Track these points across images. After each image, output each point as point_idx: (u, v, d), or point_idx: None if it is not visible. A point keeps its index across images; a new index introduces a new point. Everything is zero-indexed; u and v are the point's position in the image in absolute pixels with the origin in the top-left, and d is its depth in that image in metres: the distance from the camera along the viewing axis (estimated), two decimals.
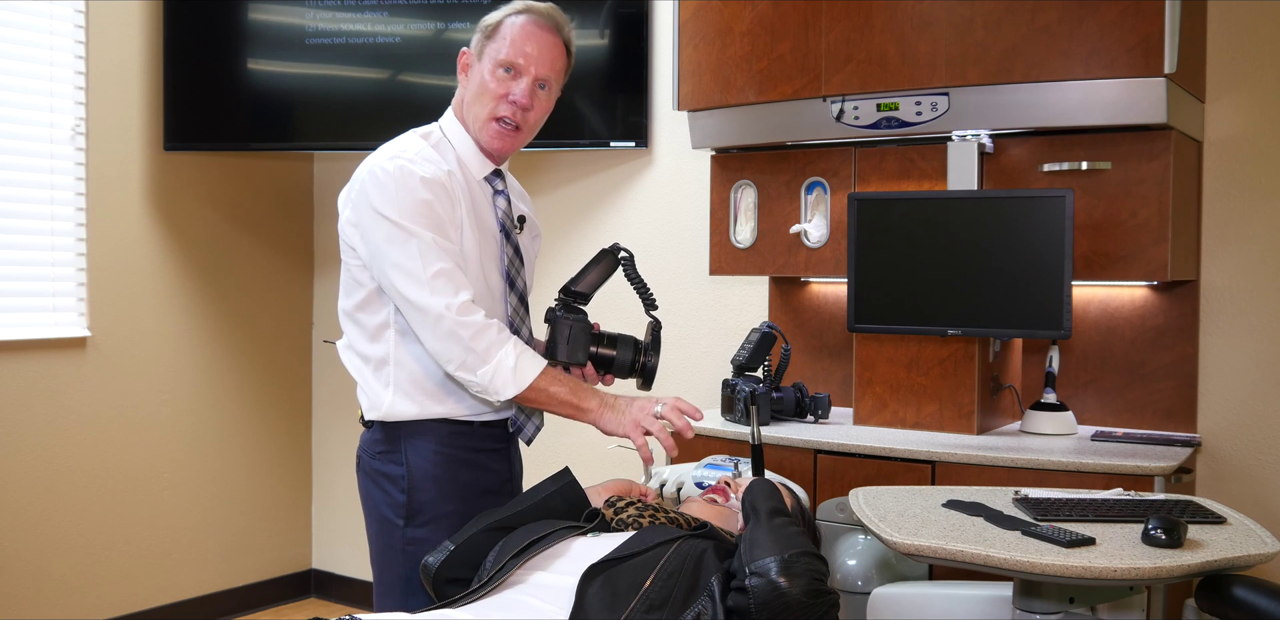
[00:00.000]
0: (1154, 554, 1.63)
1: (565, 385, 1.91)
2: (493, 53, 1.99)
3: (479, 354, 1.85)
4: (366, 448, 2.03)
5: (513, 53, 1.97)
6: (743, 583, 1.54)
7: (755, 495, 1.79)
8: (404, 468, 1.96)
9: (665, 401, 1.94)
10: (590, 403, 1.93)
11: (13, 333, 3.28)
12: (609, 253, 2.07)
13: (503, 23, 2.00)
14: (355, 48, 3.46)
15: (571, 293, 2.04)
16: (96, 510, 3.49)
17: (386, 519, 1.97)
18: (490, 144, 2.01)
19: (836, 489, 2.47)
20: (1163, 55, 2.27)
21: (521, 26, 1.99)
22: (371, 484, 2.01)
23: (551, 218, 3.55)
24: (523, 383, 1.87)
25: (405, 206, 1.88)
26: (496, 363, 1.85)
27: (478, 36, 2.03)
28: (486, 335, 1.85)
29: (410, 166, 1.90)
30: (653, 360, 2.07)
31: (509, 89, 1.98)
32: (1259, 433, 2.57)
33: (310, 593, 4.18)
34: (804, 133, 2.73)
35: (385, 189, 1.89)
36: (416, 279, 1.86)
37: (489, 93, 1.99)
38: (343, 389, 4.05)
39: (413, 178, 1.89)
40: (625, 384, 2.18)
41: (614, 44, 3.35)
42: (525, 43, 1.98)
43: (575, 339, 2.01)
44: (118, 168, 3.52)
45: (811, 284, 3.08)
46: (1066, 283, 2.38)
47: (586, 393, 1.93)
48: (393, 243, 1.87)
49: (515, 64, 1.98)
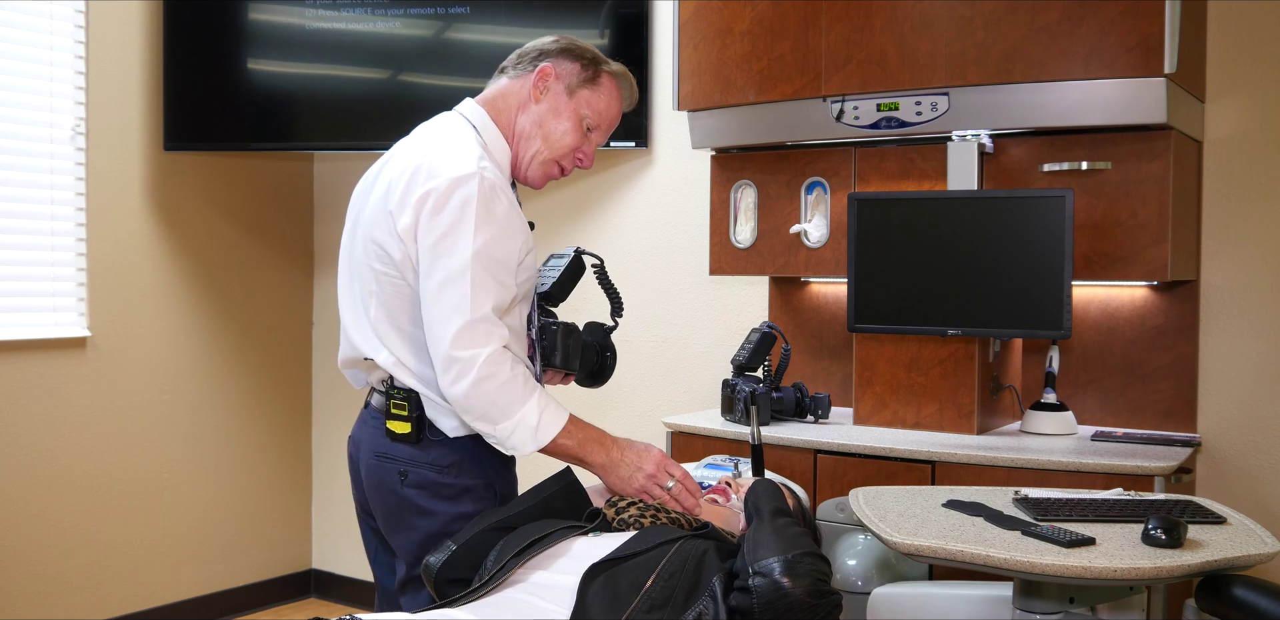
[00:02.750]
0: (1154, 554, 1.63)
1: (574, 438, 1.89)
2: (588, 102, 1.98)
3: (502, 408, 1.81)
4: (424, 461, 1.92)
5: (607, 118, 2.01)
6: (746, 583, 1.54)
7: (758, 496, 1.79)
8: (486, 478, 1.94)
9: (675, 475, 1.92)
10: (596, 458, 1.91)
11: (13, 333, 3.28)
12: (575, 257, 2.07)
13: (605, 76, 2.01)
14: (355, 47, 3.46)
15: (544, 296, 2.04)
16: (96, 510, 3.49)
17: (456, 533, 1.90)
18: (533, 181, 2.01)
19: (836, 489, 2.47)
20: (1163, 55, 2.27)
21: (621, 92, 2.03)
22: (437, 499, 1.91)
23: (551, 217, 3.55)
24: (543, 441, 1.85)
25: (475, 233, 1.80)
26: (519, 419, 1.82)
27: (572, 64, 1.98)
28: (511, 390, 1.81)
29: (488, 189, 1.82)
30: (611, 362, 2.10)
31: (584, 145, 2.00)
32: (1259, 433, 2.57)
33: (310, 593, 4.18)
34: (804, 133, 2.73)
35: (464, 208, 1.80)
36: (456, 317, 1.78)
37: (568, 143, 1.98)
38: (343, 389, 4.05)
39: (493, 202, 1.81)
40: (626, 377, 2.17)
41: (614, 44, 3.34)
42: (616, 109, 2.02)
43: (576, 347, 2.02)
44: (118, 168, 3.52)
45: (811, 284, 3.08)
46: (1066, 283, 2.38)
47: (591, 448, 1.90)
48: (444, 267, 1.80)
49: (602, 127, 2.00)
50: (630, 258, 3.44)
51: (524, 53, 2.03)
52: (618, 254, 3.43)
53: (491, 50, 3.37)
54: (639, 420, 3.39)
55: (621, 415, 3.43)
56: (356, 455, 2.05)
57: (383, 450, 1.96)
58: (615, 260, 3.13)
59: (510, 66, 2.03)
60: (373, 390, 2.03)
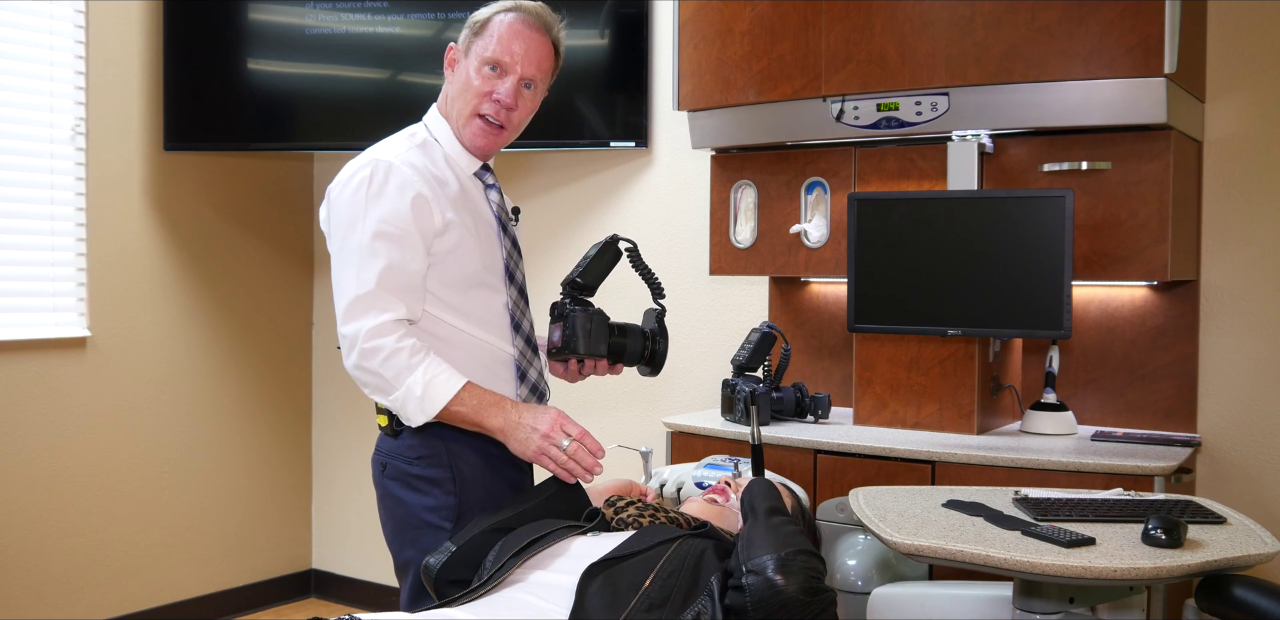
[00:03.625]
0: (1154, 554, 1.63)
1: (467, 405, 1.87)
2: (479, 50, 1.97)
3: (389, 380, 1.84)
4: (398, 453, 1.97)
5: (500, 51, 1.96)
6: (739, 581, 1.54)
7: (753, 495, 1.80)
8: (449, 470, 1.94)
9: (572, 434, 1.88)
10: (493, 422, 1.88)
11: (13, 333, 3.28)
12: (610, 244, 2.07)
13: (491, 20, 1.99)
14: (355, 47, 3.46)
15: (577, 285, 2.03)
16: (97, 510, 3.49)
17: (429, 524, 1.93)
18: (473, 142, 2.00)
19: (836, 489, 2.47)
20: (1163, 55, 2.27)
21: (510, 25, 1.97)
22: (407, 490, 1.96)
23: (551, 217, 3.55)
24: (431, 411, 1.85)
25: (365, 214, 1.87)
26: (406, 389, 1.84)
27: (465, 33, 2.01)
28: (396, 361, 1.83)
29: (383, 171, 1.89)
30: (662, 346, 2.08)
31: (494, 87, 1.97)
32: (1259, 433, 2.57)
33: (310, 593, 4.18)
34: (804, 133, 2.73)
35: (355, 194, 1.88)
36: (343, 295, 1.86)
37: (473, 90, 1.98)
38: (343, 389, 4.05)
39: (385, 184, 1.88)
40: (626, 376, 2.17)
41: (614, 44, 3.34)
42: (513, 41, 1.97)
43: (596, 332, 2.01)
44: (118, 168, 3.52)
45: (811, 284, 3.08)
46: (1066, 283, 2.38)
47: (489, 412, 1.88)
48: (340, 251, 1.89)
49: (501, 62, 1.97)
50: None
51: None
52: None
53: None
54: (639, 420, 3.39)
55: (622, 415, 3.43)
56: None
57: (377, 444, 2.04)
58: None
59: None
60: None
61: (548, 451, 1.86)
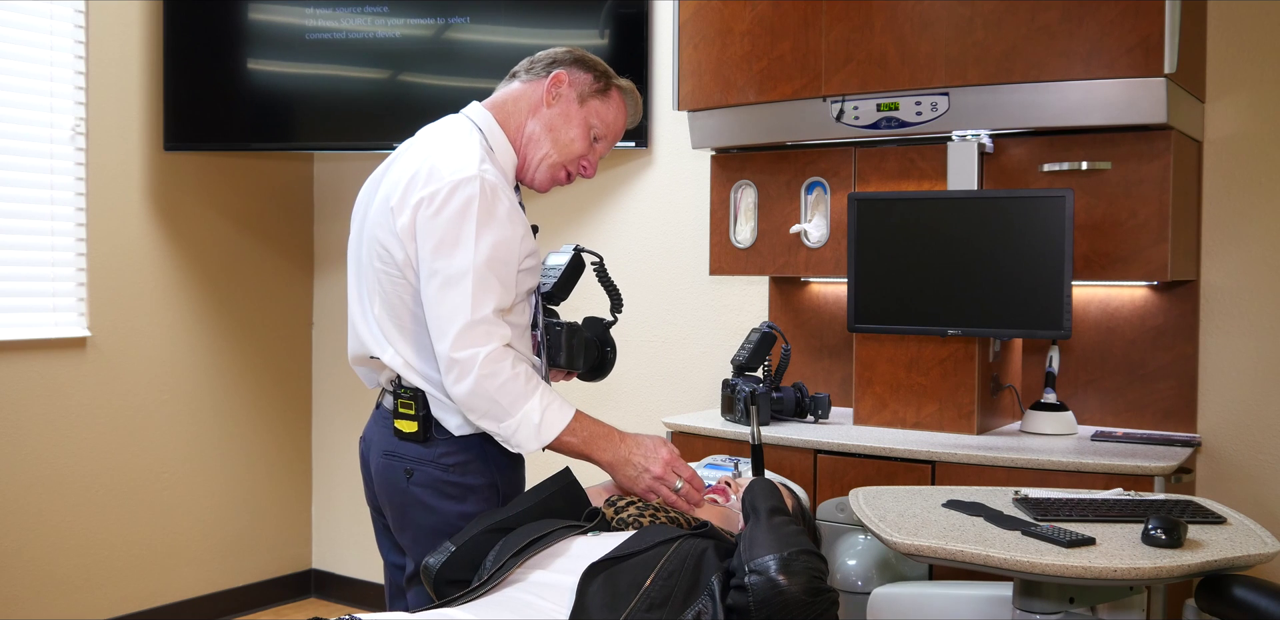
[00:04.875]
0: (1154, 554, 1.63)
1: (578, 436, 1.91)
2: (597, 111, 2.03)
3: (504, 407, 1.83)
4: (431, 460, 1.94)
5: (614, 129, 2.07)
6: (742, 581, 1.54)
7: (755, 494, 1.80)
8: (491, 478, 1.95)
9: (684, 476, 1.94)
10: (603, 456, 1.93)
11: (13, 333, 3.28)
12: (573, 256, 2.12)
13: (614, 89, 2.06)
14: (355, 47, 3.46)
15: (546, 296, 2.08)
16: (97, 510, 3.49)
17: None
18: (539, 184, 2.05)
19: (836, 489, 2.47)
20: (1163, 55, 2.27)
21: (626, 103, 2.08)
22: (442, 497, 1.94)
23: (551, 218, 3.55)
24: (546, 438, 1.87)
25: (477, 236, 1.83)
26: (522, 417, 1.84)
27: (585, 74, 2.03)
28: (513, 388, 1.83)
29: (490, 192, 1.85)
30: (612, 357, 2.15)
31: (589, 154, 2.04)
32: (1259, 433, 2.57)
33: (310, 593, 4.18)
34: (804, 133, 2.73)
35: (464, 211, 1.83)
36: (456, 319, 1.81)
37: (575, 150, 2.03)
38: (343, 389, 4.05)
39: (494, 205, 1.85)
40: (627, 377, 2.17)
41: (614, 44, 3.34)
42: (620, 119, 2.07)
43: (580, 347, 2.05)
44: (118, 168, 3.52)
45: (811, 284, 3.08)
46: (1066, 283, 2.38)
47: (598, 444, 1.92)
48: (447, 270, 1.82)
49: (607, 137, 2.06)
50: (630, 258, 3.44)
51: (537, 59, 2.07)
52: (618, 254, 3.43)
53: (492, 51, 3.37)
54: (639, 420, 3.39)
55: (622, 415, 3.43)
56: (367, 454, 2.08)
57: (391, 449, 1.99)
58: (615, 260, 3.13)
59: (523, 71, 2.08)
60: (384, 390, 2.05)
61: (657, 491, 1.93)
